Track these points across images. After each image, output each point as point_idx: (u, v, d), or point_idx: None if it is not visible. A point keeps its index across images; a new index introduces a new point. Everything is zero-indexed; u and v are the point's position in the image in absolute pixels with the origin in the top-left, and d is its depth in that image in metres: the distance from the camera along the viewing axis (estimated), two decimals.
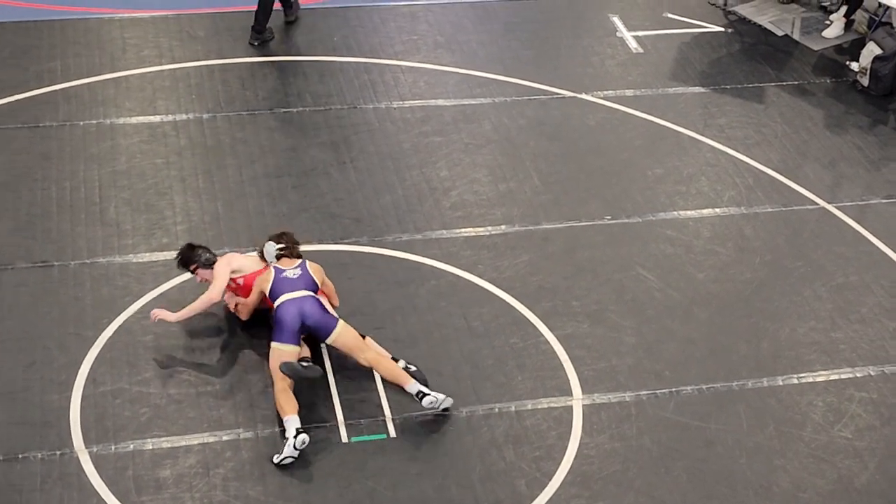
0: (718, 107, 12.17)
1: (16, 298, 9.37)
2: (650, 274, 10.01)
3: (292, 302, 8.74)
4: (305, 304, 8.73)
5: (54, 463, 8.12)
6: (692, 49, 13.12)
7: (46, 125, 11.26)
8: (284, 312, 8.70)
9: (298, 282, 8.86)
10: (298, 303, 8.73)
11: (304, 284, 8.85)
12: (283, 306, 8.73)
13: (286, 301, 8.75)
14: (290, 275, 8.89)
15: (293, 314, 8.68)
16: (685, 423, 8.71)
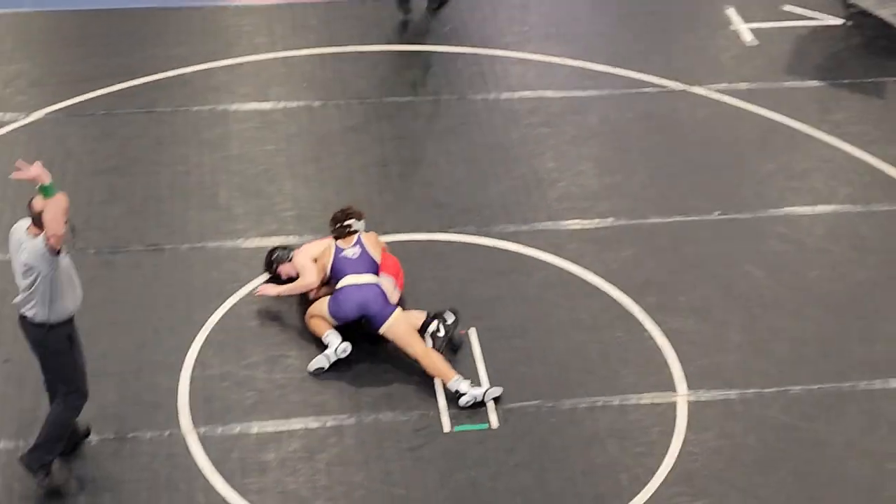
0: (836, 101, 11.93)
1: (128, 281, 9.56)
2: (759, 271, 9.87)
3: (357, 290, 8.85)
4: (369, 294, 8.83)
5: (162, 443, 8.28)
6: (810, 42, 12.87)
7: (160, 110, 11.46)
8: (346, 299, 8.83)
9: (360, 264, 8.96)
10: (363, 292, 8.84)
11: (365, 267, 8.95)
12: (346, 291, 8.86)
13: (351, 287, 8.87)
14: (349, 254, 9.00)
15: (354, 304, 8.82)
16: (793, 424, 8.58)
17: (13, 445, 8.20)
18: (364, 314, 8.86)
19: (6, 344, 8.94)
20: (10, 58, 12.10)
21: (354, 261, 9.00)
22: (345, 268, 8.99)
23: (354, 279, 8.93)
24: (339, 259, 9.03)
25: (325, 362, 8.78)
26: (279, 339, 9.09)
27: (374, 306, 8.82)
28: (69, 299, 7.62)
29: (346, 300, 8.86)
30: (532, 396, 8.69)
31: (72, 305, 7.65)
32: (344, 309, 8.86)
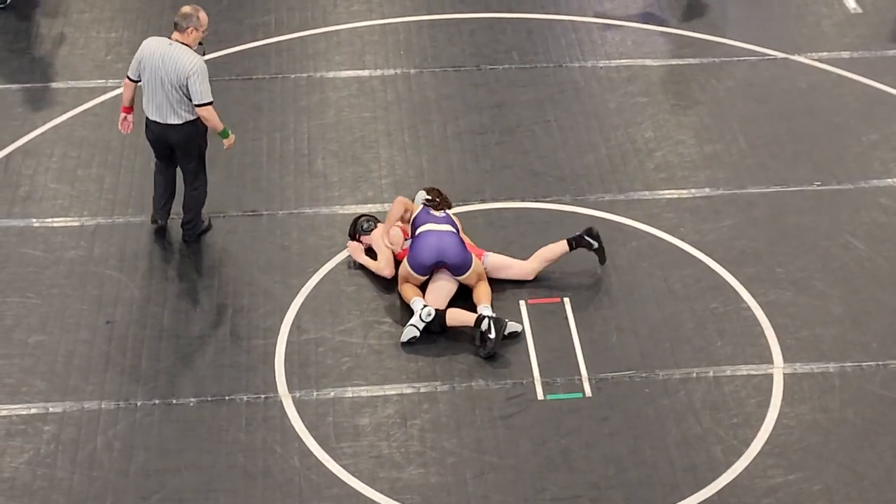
0: None
1: (226, 245, 9.69)
2: (860, 243, 9.70)
3: (434, 234, 8.94)
4: (445, 238, 8.91)
5: (259, 406, 8.39)
6: None
7: (259, 77, 11.56)
8: (424, 242, 8.91)
9: (442, 219, 9.07)
10: (439, 236, 8.92)
11: (445, 221, 9.07)
12: (424, 235, 8.95)
13: (428, 231, 8.96)
14: (435, 213, 9.12)
15: (432, 247, 8.89)
16: (892, 398, 8.44)
17: (114, 406, 8.38)
18: (442, 260, 8.89)
19: (108, 305, 9.12)
20: (110, 26, 12.28)
21: (437, 216, 9.11)
22: (426, 219, 9.09)
23: (432, 226, 9.00)
24: (422, 213, 9.14)
25: (414, 331, 8.81)
26: (375, 304, 9.15)
27: (452, 251, 8.87)
28: None
29: (423, 246, 8.91)
30: (625, 366, 8.66)
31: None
32: (422, 255, 8.89)
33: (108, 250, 9.63)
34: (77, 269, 9.45)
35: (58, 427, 8.25)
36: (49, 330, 8.94)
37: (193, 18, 9.15)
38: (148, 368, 8.65)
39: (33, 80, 11.54)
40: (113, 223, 9.89)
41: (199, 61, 9.10)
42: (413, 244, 9.01)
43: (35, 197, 10.15)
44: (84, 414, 8.34)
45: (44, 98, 11.32)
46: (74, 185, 10.27)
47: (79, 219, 9.92)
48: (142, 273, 9.42)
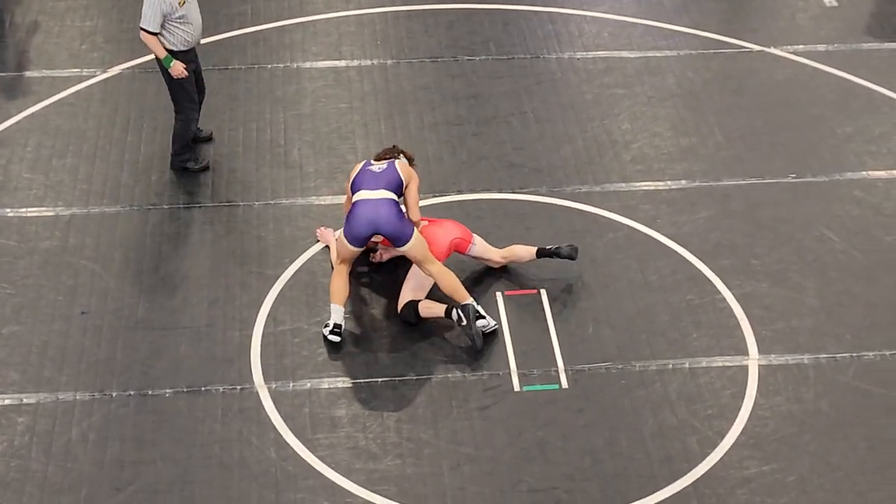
0: None
1: (202, 236, 9.66)
2: (835, 235, 9.75)
3: (367, 204, 8.51)
4: (381, 208, 8.48)
5: (235, 397, 8.38)
6: (890, 3, 12.63)
7: (235, 68, 11.51)
8: (358, 213, 8.51)
9: (380, 176, 8.58)
10: (374, 206, 8.49)
11: (384, 181, 8.56)
12: (358, 205, 8.55)
13: (362, 201, 8.54)
14: (374, 168, 8.69)
15: (366, 219, 8.49)
16: (866, 389, 8.49)
17: (89, 397, 8.34)
18: (376, 231, 8.53)
19: (83, 296, 9.08)
20: (85, 14, 12.21)
21: (376, 174, 8.62)
22: (364, 181, 8.60)
23: (367, 194, 8.54)
24: (362, 172, 8.68)
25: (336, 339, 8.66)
26: (352, 296, 9.13)
27: (390, 222, 8.49)
28: None
29: (357, 216, 8.51)
30: (602, 358, 8.68)
31: None
32: (356, 228, 8.52)
33: (82, 241, 9.59)
34: (52, 259, 9.40)
35: (32, 418, 8.21)
36: (23, 320, 8.90)
37: None
38: (123, 359, 8.62)
39: (7, 68, 11.47)
40: (88, 213, 9.84)
41: None
42: (349, 214, 8.64)
43: (9, 187, 10.09)
44: (59, 405, 8.30)
45: (18, 87, 11.25)
46: (49, 175, 10.21)
47: (53, 209, 9.87)
48: (117, 264, 9.38)
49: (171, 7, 9.58)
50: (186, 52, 9.87)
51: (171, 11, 9.60)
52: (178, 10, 9.61)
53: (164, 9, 9.57)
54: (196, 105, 10.10)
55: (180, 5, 9.60)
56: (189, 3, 9.71)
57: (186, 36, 9.78)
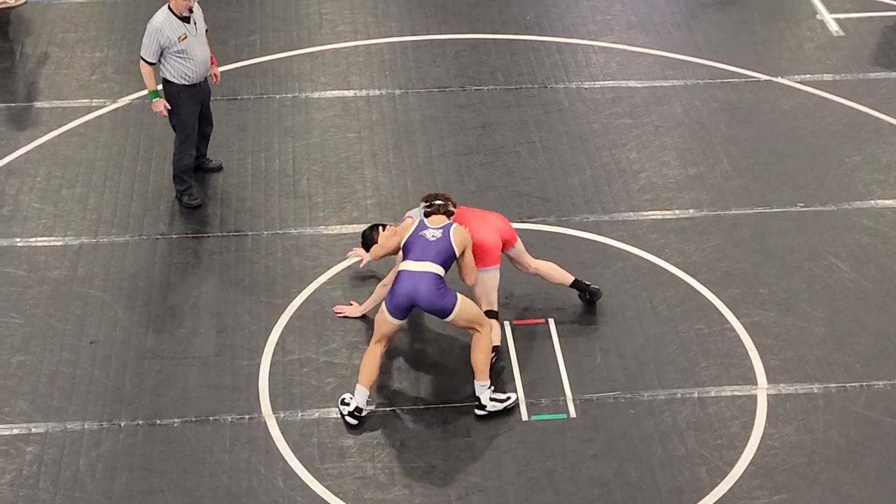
0: None
1: (211, 266, 9.67)
2: (843, 264, 9.74)
3: (409, 276, 8.26)
4: (422, 283, 8.23)
5: (243, 426, 8.37)
6: None
7: (244, 98, 11.56)
8: (399, 285, 8.29)
9: (431, 247, 8.32)
10: (415, 280, 8.23)
11: (434, 253, 8.29)
12: (401, 275, 8.31)
13: (405, 272, 8.29)
14: (428, 235, 8.40)
15: (405, 292, 8.25)
16: (876, 419, 8.46)
17: (97, 426, 8.34)
18: (416, 304, 8.29)
19: (92, 325, 9.09)
20: (95, 45, 12.28)
21: (428, 242, 8.38)
22: (413, 249, 8.35)
23: (411, 265, 8.31)
24: (415, 237, 8.41)
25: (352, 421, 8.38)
26: (359, 325, 9.14)
27: (429, 297, 8.24)
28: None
29: (400, 285, 8.29)
30: (610, 387, 8.67)
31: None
32: (397, 299, 8.29)
33: (91, 270, 9.61)
34: (61, 288, 9.42)
35: (40, 448, 8.21)
36: (32, 350, 8.91)
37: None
38: (131, 389, 8.62)
39: (17, 99, 11.53)
40: (97, 243, 9.86)
41: (155, 19, 9.70)
42: (393, 282, 8.44)
43: (19, 216, 10.12)
44: (67, 434, 8.30)
45: (28, 117, 11.30)
46: (58, 205, 10.24)
47: (63, 238, 9.90)
48: (126, 293, 9.40)
49: (169, 41, 9.65)
50: (190, 86, 9.89)
51: (169, 45, 9.67)
52: (178, 44, 9.67)
53: (161, 41, 9.65)
54: (193, 139, 10.09)
55: (180, 40, 9.66)
56: (191, 39, 9.75)
57: (187, 71, 9.82)
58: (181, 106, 9.94)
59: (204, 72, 9.97)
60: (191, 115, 9.99)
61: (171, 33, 9.65)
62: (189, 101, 9.93)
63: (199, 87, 10.00)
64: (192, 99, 9.96)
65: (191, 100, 9.94)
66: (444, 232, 8.45)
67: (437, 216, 8.59)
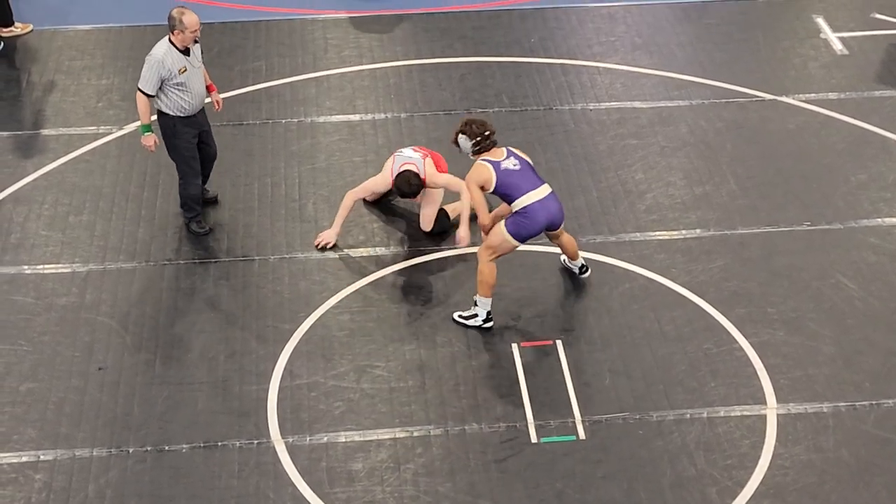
0: None
1: (218, 291, 9.68)
2: (851, 282, 9.73)
3: (542, 205, 8.72)
4: (553, 204, 8.78)
5: (251, 451, 8.36)
6: None
7: (250, 123, 11.59)
8: (537, 216, 8.70)
9: (527, 172, 8.68)
10: (547, 205, 8.72)
11: (535, 174, 8.77)
12: (534, 208, 8.68)
13: (537, 204, 8.71)
14: (510, 166, 8.66)
15: (544, 220, 8.77)
16: (886, 438, 8.44)
17: (106, 453, 8.34)
18: (551, 226, 8.92)
19: (100, 352, 9.10)
20: (101, 73, 12.32)
21: (521, 171, 8.69)
22: (516, 182, 8.69)
23: (537, 194, 8.75)
24: (502, 173, 8.69)
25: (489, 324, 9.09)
26: (367, 349, 9.14)
27: (559, 213, 8.86)
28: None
29: (534, 219, 8.71)
30: (619, 409, 8.65)
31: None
32: (532, 228, 8.73)
33: (99, 297, 9.62)
34: (68, 315, 9.43)
35: (49, 475, 8.20)
36: (40, 377, 8.91)
37: (175, 20, 9.61)
38: (140, 415, 8.62)
39: (24, 127, 11.57)
40: (104, 269, 9.88)
41: (157, 51, 9.66)
42: (518, 218, 8.72)
43: (26, 244, 10.15)
44: (75, 462, 8.29)
45: (35, 145, 11.34)
46: (66, 232, 10.26)
47: (70, 265, 9.91)
48: (133, 319, 9.41)
49: (169, 73, 9.64)
50: (186, 118, 9.88)
51: (169, 77, 9.66)
52: (178, 76, 9.66)
53: (162, 73, 9.64)
54: (196, 169, 10.05)
55: (180, 73, 9.66)
56: (191, 72, 9.74)
57: (183, 104, 9.79)
58: (177, 137, 9.92)
59: (199, 103, 9.95)
60: (188, 146, 9.97)
61: (172, 66, 9.63)
62: (184, 132, 9.89)
63: (195, 117, 9.99)
64: (188, 129, 9.92)
65: (186, 130, 9.91)
66: (515, 157, 8.76)
67: (496, 148, 8.85)
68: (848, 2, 13.57)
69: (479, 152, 8.93)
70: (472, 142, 8.91)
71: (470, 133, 8.90)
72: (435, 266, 9.91)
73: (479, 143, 8.91)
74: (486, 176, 8.80)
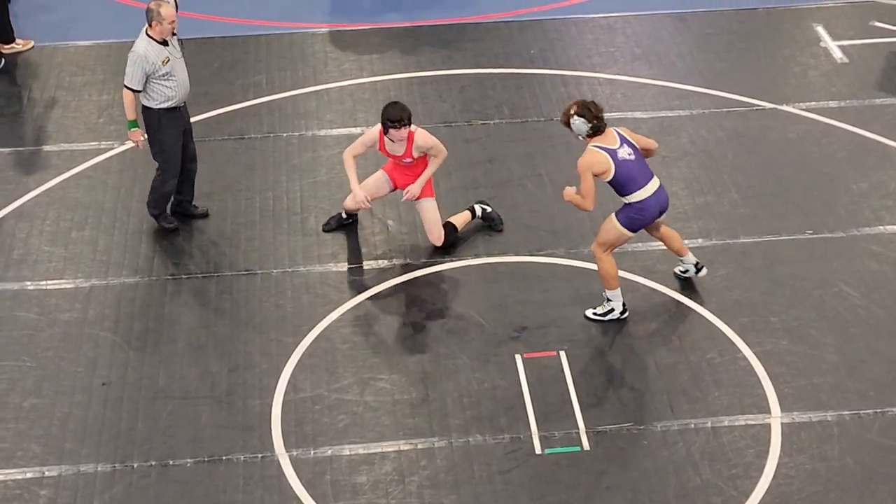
0: None
1: (221, 305, 9.68)
2: (854, 291, 9.72)
3: (655, 197, 8.71)
4: (662, 195, 8.75)
5: (256, 465, 8.35)
6: None
7: (251, 137, 11.61)
8: (651, 208, 8.75)
9: (640, 163, 8.53)
10: (659, 197, 8.68)
11: (646, 165, 8.68)
12: (648, 203, 8.70)
13: (652, 198, 8.76)
14: (625, 155, 8.49)
15: (656, 212, 8.82)
16: (891, 446, 8.43)
17: (111, 468, 8.33)
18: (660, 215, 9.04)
19: (104, 367, 9.10)
20: (102, 88, 12.35)
21: (633, 162, 8.55)
22: (634, 175, 8.61)
23: (650, 188, 8.75)
24: (621, 164, 8.51)
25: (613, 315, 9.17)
26: (370, 362, 9.14)
27: (667, 204, 8.95)
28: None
29: (648, 213, 8.83)
30: (623, 419, 8.64)
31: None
32: (645, 221, 8.86)
33: (102, 312, 9.62)
34: (72, 331, 9.43)
35: (54, 491, 8.20)
36: (44, 393, 8.91)
37: (153, 13, 9.73)
38: (144, 430, 8.62)
39: (26, 143, 11.58)
40: (107, 284, 9.88)
41: (138, 47, 9.77)
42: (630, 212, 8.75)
43: (29, 260, 10.15)
44: (80, 477, 8.29)
45: (37, 161, 11.36)
46: (68, 248, 10.27)
47: (73, 281, 9.92)
48: (136, 334, 9.41)
49: (153, 67, 9.76)
50: (170, 110, 9.97)
51: (153, 71, 9.78)
52: (162, 68, 9.80)
53: (146, 68, 9.76)
54: (176, 167, 10.16)
55: (164, 64, 9.79)
56: (174, 62, 9.88)
57: (170, 92, 9.91)
58: (161, 131, 9.99)
59: (185, 93, 10.06)
60: (173, 142, 10.05)
61: (155, 59, 9.78)
62: (170, 125, 9.99)
63: (180, 111, 10.08)
64: (173, 124, 10.01)
65: (171, 125, 10.00)
66: (627, 143, 8.42)
67: (607, 130, 8.55)
68: (847, 10, 13.59)
69: (593, 135, 8.62)
70: (590, 125, 8.56)
71: (588, 115, 8.54)
72: (437, 278, 9.91)
73: (595, 127, 8.57)
74: (605, 166, 8.60)
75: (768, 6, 13.60)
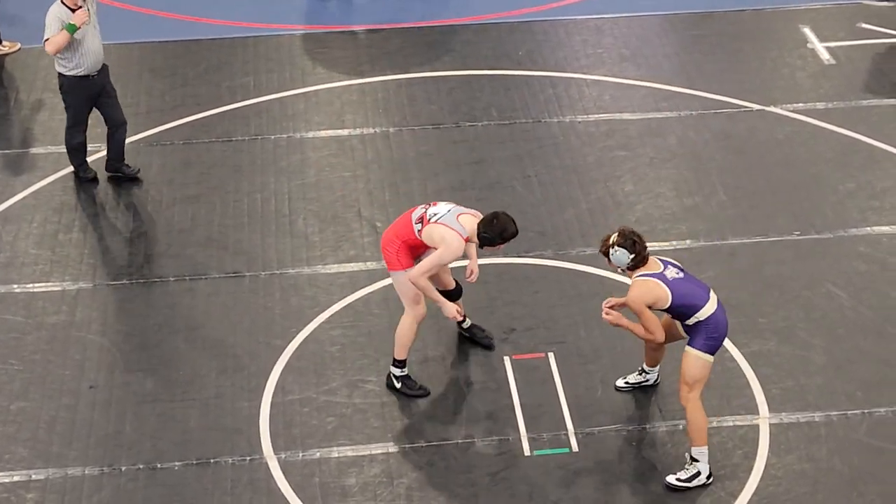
0: None
1: (208, 307, 9.66)
2: (841, 291, 9.74)
3: (721, 310, 7.86)
4: (723, 307, 7.92)
5: (244, 468, 8.34)
6: (887, 60, 12.74)
7: (238, 139, 11.59)
8: (721, 325, 7.87)
9: (693, 280, 7.87)
10: (723, 309, 7.89)
11: (700, 283, 7.93)
12: (717, 316, 7.84)
13: (718, 310, 7.86)
14: (676, 274, 7.83)
15: (725, 324, 7.90)
16: (879, 447, 8.44)
17: (98, 471, 8.31)
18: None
19: (91, 370, 9.08)
20: None
21: (687, 280, 7.85)
22: (691, 293, 7.80)
23: (711, 303, 7.85)
24: (675, 284, 7.78)
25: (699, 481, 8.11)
26: (359, 364, 9.13)
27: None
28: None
29: (720, 327, 7.87)
30: (612, 420, 8.65)
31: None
32: (721, 337, 7.92)
33: (90, 315, 9.60)
34: (59, 334, 9.41)
35: (41, 494, 8.17)
36: (31, 396, 8.89)
37: None
38: (132, 433, 8.60)
39: (12, 146, 11.55)
40: (94, 287, 9.86)
41: (51, 9, 10.22)
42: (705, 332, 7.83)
43: (16, 263, 10.12)
44: (68, 480, 8.27)
45: (23, 163, 11.33)
46: (55, 251, 10.24)
47: (60, 284, 9.89)
48: (124, 337, 9.39)
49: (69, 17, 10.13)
50: (82, 77, 10.41)
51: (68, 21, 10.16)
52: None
53: (63, 19, 10.14)
54: (82, 124, 10.67)
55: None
56: (83, 29, 10.20)
57: (79, 60, 10.33)
58: (71, 96, 10.52)
59: (96, 62, 10.42)
60: (80, 104, 10.56)
61: (67, 20, 10.13)
62: (81, 93, 10.48)
63: (92, 79, 10.49)
64: (84, 92, 10.49)
65: (82, 93, 10.49)
66: (676, 268, 7.97)
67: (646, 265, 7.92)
68: (834, 12, 13.62)
69: (635, 267, 7.94)
70: (632, 256, 7.86)
71: (629, 247, 7.84)
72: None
73: (636, 258, 7.88)
74: (659, 293, 7.79)
75: (756, 8, 13.63)
